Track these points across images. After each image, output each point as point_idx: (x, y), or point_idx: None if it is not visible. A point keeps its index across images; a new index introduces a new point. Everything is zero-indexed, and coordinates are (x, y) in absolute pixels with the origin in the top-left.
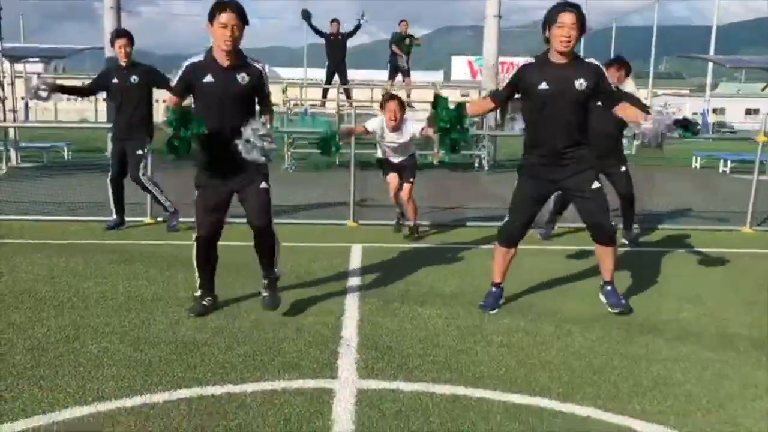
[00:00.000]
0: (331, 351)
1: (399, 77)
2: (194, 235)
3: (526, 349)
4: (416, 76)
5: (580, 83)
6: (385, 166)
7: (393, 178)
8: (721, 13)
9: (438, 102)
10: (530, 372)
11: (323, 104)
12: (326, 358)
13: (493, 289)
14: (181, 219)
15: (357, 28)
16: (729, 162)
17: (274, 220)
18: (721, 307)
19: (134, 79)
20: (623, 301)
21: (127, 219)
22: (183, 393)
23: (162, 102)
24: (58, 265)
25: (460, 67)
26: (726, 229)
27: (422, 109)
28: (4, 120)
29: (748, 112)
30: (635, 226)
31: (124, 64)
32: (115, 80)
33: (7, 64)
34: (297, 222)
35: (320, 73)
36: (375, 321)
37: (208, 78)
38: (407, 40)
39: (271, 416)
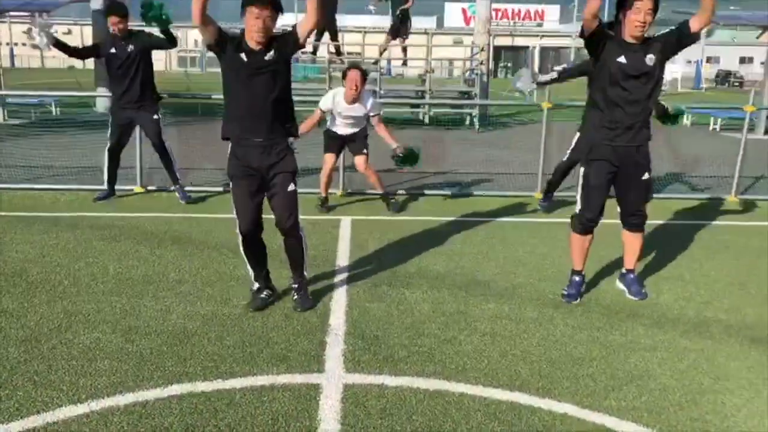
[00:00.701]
0: (318, 341)
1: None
2: (237, 230)
3: (508, 338)
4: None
5: (650, 58)
6: (329, 139)
7: (330, 157)
8: None
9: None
10: (512, 364)
11: (313, 61)
12: (314, 349)
13: (576, 278)
14: (187, 188)
15: None
16: (719, 120)
17: None
18: (701, 288)
19: (131, 48)
20: (644, 290)
21: (117, 187)
22: (174, 389)
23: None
24: (49, 242)
25: (453, 14)
26: (711, 198)
27: (415, 66)
28: None
29: (743, 60)
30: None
31: (119, 35)
32: (113, 50)
33: None
34: None
35: None
36: (363, 306)
37: (242, 55)
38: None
39: (260, 415)
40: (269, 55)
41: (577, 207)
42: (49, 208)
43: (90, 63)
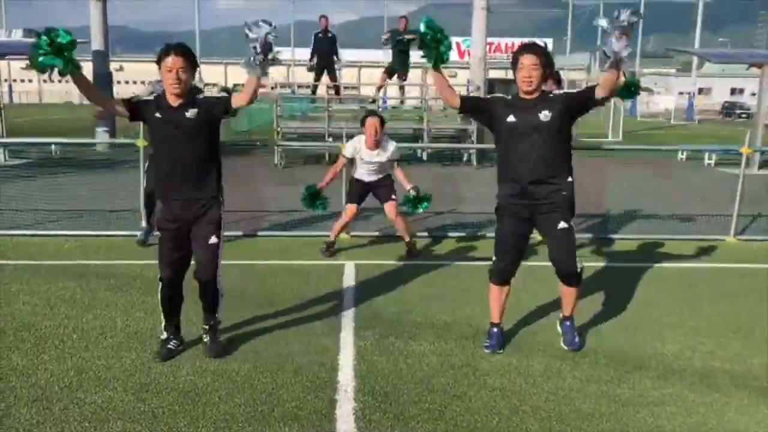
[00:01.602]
0: (329, 399)
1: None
2: (158, 276)
3: (518, 393)
4: None
5: (545, 114)
6: (354, 187)
7: (353, 208)
8: None
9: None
10: (522, 421)
11: (312, 101)
12: (324, 407)
13: (494, 329)
14: None
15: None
16: (714, 155)
17: (265, 233)
18: (705, 336)
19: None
20: (577, 340)
21: (118, 233)
22: None
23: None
24: (56, 293)
25: None
26: (710, 239)
27: (413, 106)
28: None
29: (733, 91)
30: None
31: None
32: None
33: None
34: (288, 235)
35: (308, 53)
36: (370, 360)
37: (158, 114)
38: (406, 38)
39: None
40: (191, 112)
41: (493, 258)
42: (54, 256)
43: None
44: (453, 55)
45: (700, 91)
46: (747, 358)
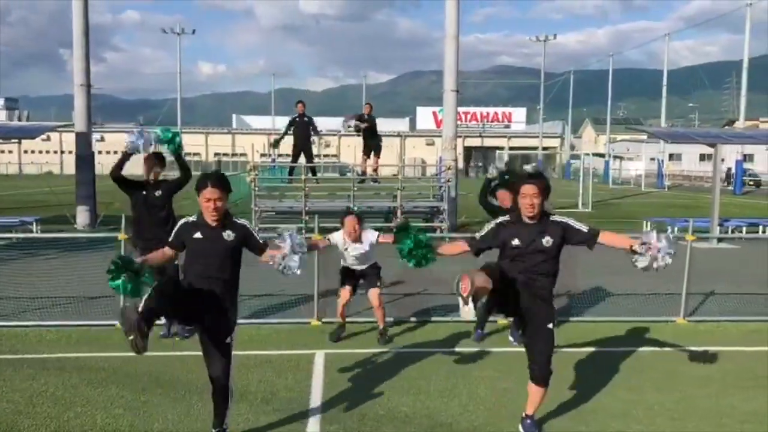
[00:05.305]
0: None
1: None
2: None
3: None
4: (382, 124)
5: (547, 240)
6: (345, 275)
7: (346, 291)
8: (674, 58)
9: (401, 230)
10: None
11: (290, 181)
12: None
13: (526, 421)
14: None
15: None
16: (676, 228)
17: (241, 321)
18: (642, 424)
19: (158, 193)
20: None
21: (98, 322)
22: None
23: None
24: (38, 389)
25: (425, 116)
26: (661, 321)
27: (389, 177)
28: None
29: (702, 157)
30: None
31: (152, 180)
32: (143, 192)
33: None
34: (260, 322)
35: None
36: None
37: (198, 234)
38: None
39: None
40: (227, 234)
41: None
42: (35, 349)
43: (70, 168)
44: (430, 124)
45: (671, 157)
46: None
